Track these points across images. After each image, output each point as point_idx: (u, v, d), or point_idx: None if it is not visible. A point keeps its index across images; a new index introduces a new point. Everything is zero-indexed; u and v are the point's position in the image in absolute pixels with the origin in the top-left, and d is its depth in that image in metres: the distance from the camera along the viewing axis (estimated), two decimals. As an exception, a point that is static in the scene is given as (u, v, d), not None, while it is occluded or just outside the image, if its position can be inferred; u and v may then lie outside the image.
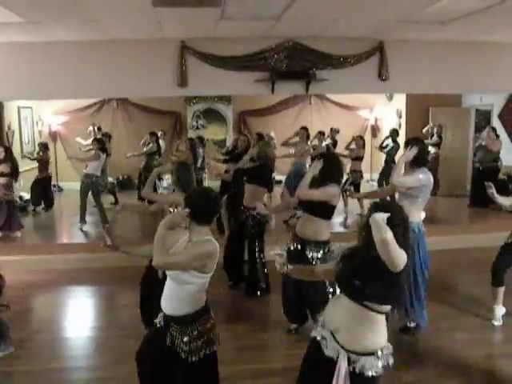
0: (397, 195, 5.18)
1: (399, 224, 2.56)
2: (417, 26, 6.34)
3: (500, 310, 4.97)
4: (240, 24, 6.18)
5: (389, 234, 2.42)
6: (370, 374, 2.57)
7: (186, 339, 2.94)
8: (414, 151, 4.45)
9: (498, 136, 9.60)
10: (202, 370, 2.99)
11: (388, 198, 5.35)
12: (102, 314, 5.69)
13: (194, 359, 2.94)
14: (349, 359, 2.60)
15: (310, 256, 4.42)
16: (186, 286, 2.92)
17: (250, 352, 4.53)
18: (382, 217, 2.47)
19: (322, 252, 4.43)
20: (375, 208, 2.61)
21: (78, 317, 5.53)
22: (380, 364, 2.58)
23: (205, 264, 2.89)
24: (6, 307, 4.61)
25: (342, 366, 2.61)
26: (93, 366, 4.41)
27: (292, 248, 4.55)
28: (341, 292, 2.73)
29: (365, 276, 2.54)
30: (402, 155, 4.54)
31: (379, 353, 2.58)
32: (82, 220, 8.57)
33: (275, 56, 7.10)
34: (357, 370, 2.58)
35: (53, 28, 6.05)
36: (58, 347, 4.77)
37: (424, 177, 4.52)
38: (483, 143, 9.64)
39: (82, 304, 5.98)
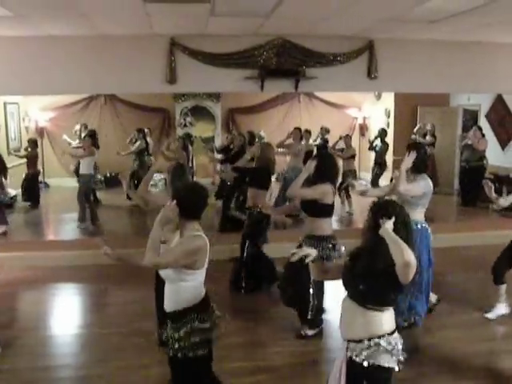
0: (394, 198, 5.19)
1: (402, 228, 2.57)
2: (407, 25, 6.36)
3: (500, 309, 5.04)
4: (230, 21, 6.15)
5: (411, 257, 2.41)
6: (361, 360, 2.55)
7: (176, 335, 2.89)
8: (412, 156, 4.48)
9: (483, 135, 9.68)
10: (187, 371, 2.94)
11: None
12: (89, 312, 5.64)
13: (180, 356, 2.88)
14: (347, 348, 2.65)
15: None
16: (179, 283, 2.89)
17: (240, 349, 4.52)
18: (390, 226, 2.50)
19: (320, 247, 4.33)
20: (376, 208, 2.65)
21: (65, 315, 5.49)
22: (366, 353, 2.56)
23: (195, 260, 2.85)
24: None
25: (341, 355, 2.69)
26: (79, 363, 4.37)
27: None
28: (347, 294, 2.74)
29: (370, 282, 2.56)
30: (403, 162, 4.53)
31: (376, 340, 2.56)
32: (82, 219, 8.40)
33: (265, 53, 7.06)
34: (353, 357, 2.59)
35: (41, 22, 5.97)
36: (44, 345, 4.72)
37: (425, 184, 4.58)
38: (469, 142, 9.72)
39: (68, 302, 5.92)
